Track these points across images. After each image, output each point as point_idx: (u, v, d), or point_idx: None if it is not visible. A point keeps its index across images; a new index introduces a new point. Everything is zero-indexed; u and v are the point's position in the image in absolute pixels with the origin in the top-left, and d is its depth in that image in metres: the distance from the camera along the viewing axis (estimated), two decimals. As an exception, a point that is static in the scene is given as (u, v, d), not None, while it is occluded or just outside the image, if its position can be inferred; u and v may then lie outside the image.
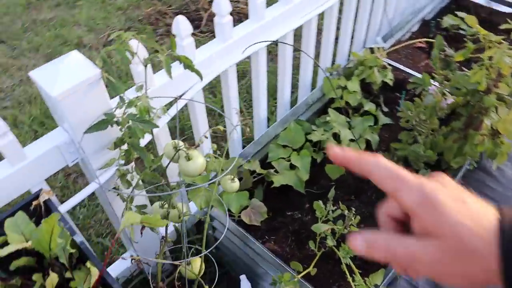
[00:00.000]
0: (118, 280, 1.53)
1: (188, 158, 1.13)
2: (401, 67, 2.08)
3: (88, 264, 0.81)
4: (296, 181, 1.58)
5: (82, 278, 0.82)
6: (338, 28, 1.98)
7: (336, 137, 1.72)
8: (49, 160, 1.05)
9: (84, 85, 0.96)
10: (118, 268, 1.55)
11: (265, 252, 1.37)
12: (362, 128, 1.77)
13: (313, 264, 1.31)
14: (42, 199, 0.94)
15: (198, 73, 0.99)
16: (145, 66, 1.00)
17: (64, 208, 1.08)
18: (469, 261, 0.40)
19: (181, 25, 1.16)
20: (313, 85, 2.08)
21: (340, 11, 1.91)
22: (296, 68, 1.99)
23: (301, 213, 1.59)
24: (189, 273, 1.25)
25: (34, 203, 0.94)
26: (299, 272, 1.25)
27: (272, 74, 2.28)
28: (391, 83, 1.91)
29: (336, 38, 2.02)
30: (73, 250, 0.84)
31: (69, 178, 2.03)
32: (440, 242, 0.41)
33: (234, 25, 1.36)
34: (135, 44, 1.00)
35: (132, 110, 1.01)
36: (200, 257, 1.24)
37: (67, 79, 0.95)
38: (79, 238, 0.87)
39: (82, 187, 1.56)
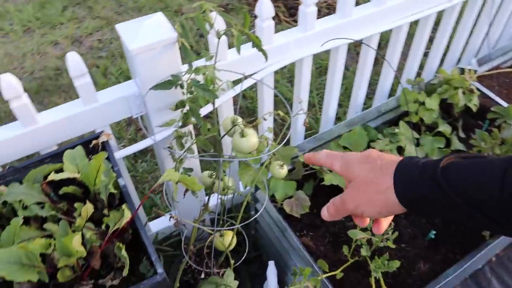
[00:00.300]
0: (157, 235, 1.63)
1: (242, 135, 1.16)
2: (491, 94, 1.94)
3: (123, 206, 0.87)
4: (347, 185, 1.55)
5: (117, 217, 0.89)
6: (431, 40, 1.90)
7: (400, 151, 1.66)
8: (117, 107, 1.14)
9: (159, 45, 1.03)
10: (160, 224, 1.64)
11: (298, 245, 1.37)
12: (430, 148, 1.69)
13: (341, 268, 1.29)
14: (101, 139, 1.02)
15: (264, 52, 1.01)
16: (218, 38, 1.04)
17: (118, 154, 1.17)
18: (367, 188, 0.61)
19: (264, 7, 1.18)
20: (392, 93, 2.01)
21: (437, 23, 1.82)
22: (378, 73, 1.94)
23: (346, 217, 1.56)
24: (219, 244, 1.29)
25: (94, 142, 1.02)
26: (325, 272, 1.24)
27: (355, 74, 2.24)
28: (474, 108, 1.79)
29: (428, 51, 1.93)
30: (114, 191, 0.91)
31: (139, 133, 2.17)
32: (352, 184, 0.63)
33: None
34: (213, 16, 1.04)
35: (200, 78, 1.06)
36: (232, 230, 1.28)
37: (146, 37, 1.02)
38: (122, 181, 0.94)
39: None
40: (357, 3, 1.41)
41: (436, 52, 1.90)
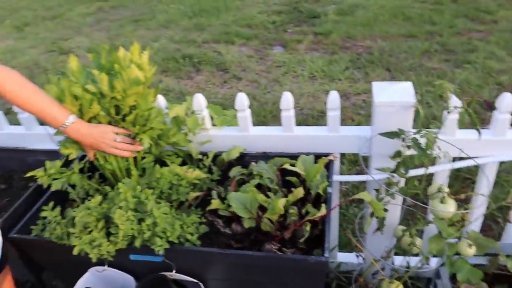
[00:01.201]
0: (340, 264, 1.85)
1: (442, 201, 1.31)
2: None
3: (323, 205, 1.16)
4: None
5: (315, 212, 1.18)
6: None
7: None
8: (350, 142, 1.45)
9: (398, 105, 1.29)
10: (345, 257, 1.87)
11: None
12: None
13: None
14: (329, 158, 1.34)
15: (478, 129, 1.15)
16: (448, 112, 1.23)
17: (336, 177, 1.47)
18: None
19: (505, 101, 1.31)
20: None
21: None
22: None
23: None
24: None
25: (323, 157, 1.35)
26: None
27: None
28: None
29: None
30: (322, 194, 1.22)
31: (361, 185, 2.44)
32: None
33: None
34: (450, 95, 1.24)
35: (423, 141, 1.27)
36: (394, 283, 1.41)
37: (390, 95, 1.30)
38: (330, 190, 1.23)
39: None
40: None
41: None
